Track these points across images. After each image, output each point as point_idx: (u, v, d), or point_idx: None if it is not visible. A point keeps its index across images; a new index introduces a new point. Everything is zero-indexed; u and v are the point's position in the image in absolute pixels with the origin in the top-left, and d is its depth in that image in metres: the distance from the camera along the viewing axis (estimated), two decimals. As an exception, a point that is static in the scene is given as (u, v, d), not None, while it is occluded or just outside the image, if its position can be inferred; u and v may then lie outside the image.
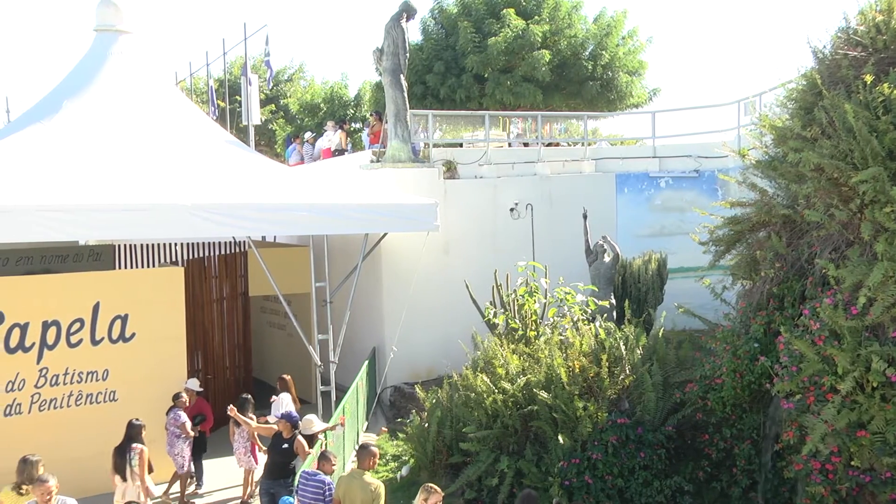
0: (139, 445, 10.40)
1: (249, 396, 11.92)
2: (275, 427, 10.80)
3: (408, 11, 16.70)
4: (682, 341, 12.18)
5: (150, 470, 10.58)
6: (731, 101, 18.10)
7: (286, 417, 10.58)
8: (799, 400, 8.89)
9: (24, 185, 11.29)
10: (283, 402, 12.22)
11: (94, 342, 12.26)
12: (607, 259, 14.87)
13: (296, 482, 9.22)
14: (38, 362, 11.91)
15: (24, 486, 8.70)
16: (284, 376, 12.79)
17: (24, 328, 11.79)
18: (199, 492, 12.46)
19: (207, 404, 12.47)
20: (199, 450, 12.39)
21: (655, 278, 15.69)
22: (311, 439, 10.51)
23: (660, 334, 12.05)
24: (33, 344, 11.86)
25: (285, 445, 10.32)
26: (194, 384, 12.43)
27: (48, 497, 7.96)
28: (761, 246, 10.47)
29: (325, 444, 10.45)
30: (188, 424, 11.73)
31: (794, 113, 10.27)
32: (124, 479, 10.31)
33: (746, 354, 9.89)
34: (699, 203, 16.07)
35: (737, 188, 11.78)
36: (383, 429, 14.63)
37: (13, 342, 11.71)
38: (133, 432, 10.54)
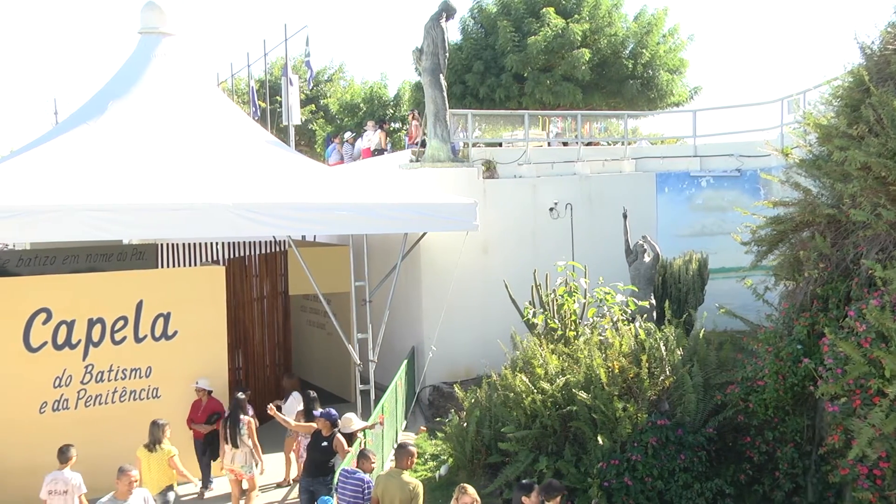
0: (246, 417, 11.41)
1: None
2: (314, 425, 10.89)
3: (447, 11, 16.72)
4: (723, 342, 12.04)
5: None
6: (775, 99, 17.89)
7: (326, 416, 10.64)
8: (844, 403, 8.75)
9: (72, 185, 11.50)
10: (297, 401, 12.36)
11: (138, 340, 12.45)
12: (647, 259, 14.77)
13: (335, 480, 9.28)
14: (83, 359, 12.13)
15: (156, 445, 10.47)
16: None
17: (70, 325, 12.01)
18: (207, 494, 12.32)
19: (220, 404, 12.26)
20: (215, 450, 12.09)
21: (696, 278, 15.54)
22: (351, 438, 10.57)
23: (700, 335, 11.92)
24: (79, 341, 12.08)
25: (325, 444, 10.38)
26: (206, 383, 12.30)
27: (130, 488, 8.65)
28: (805, 246, 10.32)
29: (364, 443, 10.50)
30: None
31: (839, 110, 10.12)
32: (235, 446, 11.29)
33: (789, 356, 9.76)
34: (741, 203, 15.88)
35: (780, 187, 11.63)
36: (422, 428, 14.66)
37: (60, 339, 11.94)
38: (240, 404, 11.50)
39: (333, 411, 10.86)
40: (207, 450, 12.25)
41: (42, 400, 11.86)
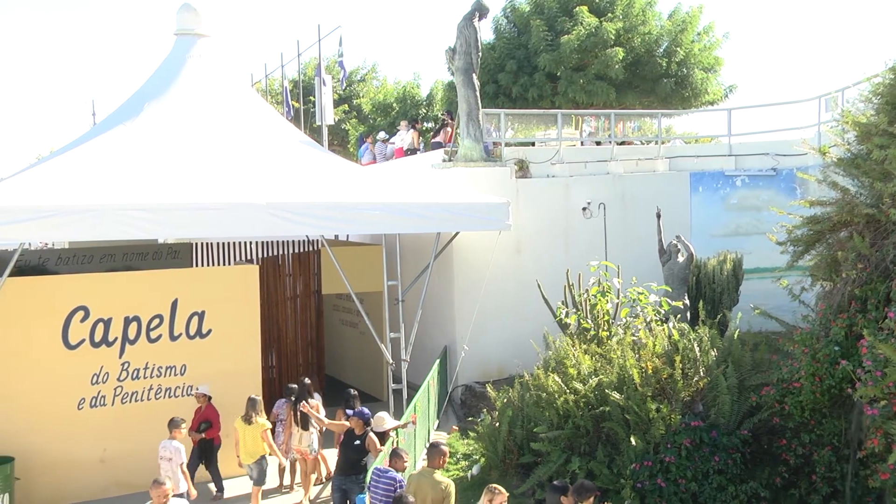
0: (314, 400, 12.01)
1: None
2: (347, 424, 10.94)
3: (480, 10, 16.72)
4: (758, 343, 11.92)
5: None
6: (812, 96, 17.68)
7: (358, 415, 10.69)
8: (884, 406, 8.61)
9: (109, 185, 11.65)
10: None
11: (173, 338, 12.59)
12: (681, 259, 14.66)
13: (367, 479, 9.31)
14: (120, 356, 12.29)
15: (252, 418, 11.29)
16: (306, 379, 12.43)
17: (107, 323, 12.18)
18: (223, 496, 12.20)
19: (216, 412, 12.10)
20: (210, 457, 12.03)
21: (730, 279, 15.39)
22: (383, 437, 10.61)
23: (735, 336, 11.80)
24: (116, 339, 12.24)
25: (357, 442, 10.43)
26: (206, 389, 12.16)
27: (164, 499, 8.56)
28: (843, 246, 10.17)
29: (397, 442, 10.53)
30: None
31: (879, 108, 9.96)
32: (305, 428, 11.88)
33: (826, 358, 9.63)
34: (776, 202, 15.70)
35: (817, 187, 11.49)
36: (454, 427, 14.67)
37: (97, 336, 12.11)
38: (307, 388, 12.08)
39: (366, 410, 10.89)
40: (202, 456, 12.02)
41: (80, 396, 12.04)
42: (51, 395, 11.72)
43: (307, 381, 12.32)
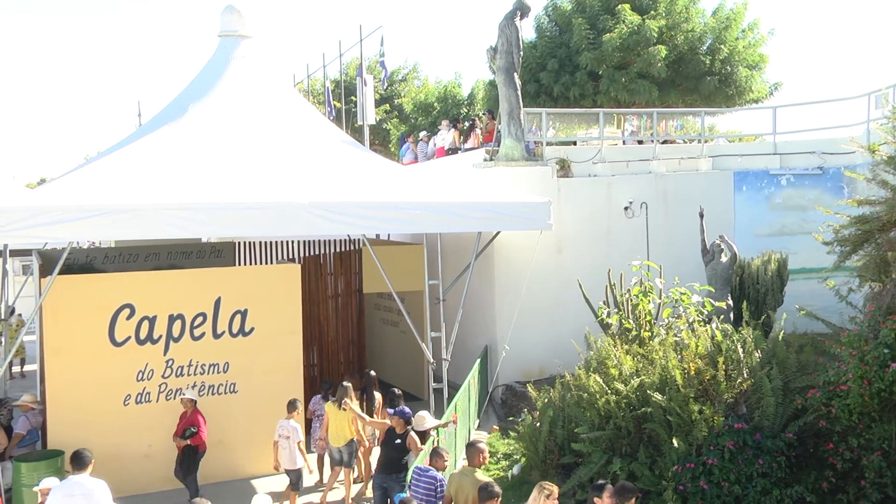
0: (378, 393, 12.60)
1: (348, 384, 12.14)
2: (387, 422, 10.99)
3: (522, 9, 16.67)
4: (804, 345, 11.73)
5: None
6: (861, 93, 17.36)
7: (399, 413, 10.74)
8: (935, 410, 8.44)
9: (154, 185, 11.81)
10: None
11: (216, 336, 12.74)
12: (724, 259, 14.50)
13: (408, 478, 9.34)
14: (164, 354, 12.48)
15: (343, 403, 11.64)
16: (345, 383, 12.36)
17: (152, 321, 12.37)
18: None
19: (202, 417, 11.76)
20: (188, 465, 11.61)
21: (775, 279, 15.19)
22: (424, 436, 10.63)
23: (779, 337, 11.63)
24: (160, 336, 12.43)
25: (398, 441, 10.47)
26: (192, 394, 12.03)
27: None
28: (892, 246, 10.00)
29: (437, 441, 10.55)
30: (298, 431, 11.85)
31: (930, 105, 9.77)
32: (371, 416, 12.15)
33: (875, 360, 9.44)
34: (823, 201, 15.47)
35: (865, 185, 11.29)
36: (495, 427, 14.66)
37: (143, 334, 12.31)
38: (372, 381, 12.71)
39: (407, 409, 10.93)
40: (183, 464, 11.63)
41: (126, 393, 12.24)
42: (98, 390, 11.93)
43: (373, 373, 12.75)
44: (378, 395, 12.58)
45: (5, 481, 10.63)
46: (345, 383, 12.08)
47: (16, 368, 21.32)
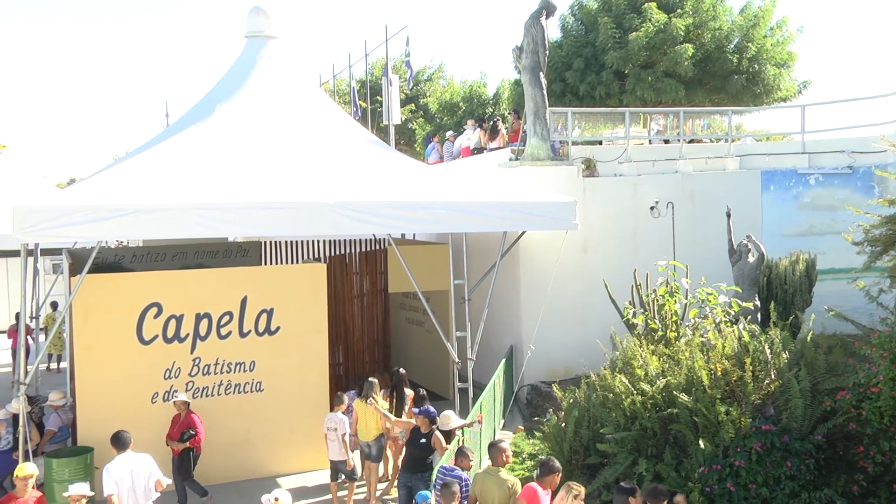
0: (409, 391, 12.72)
1: (374, 380, 12.27)
2: (412, 422, 11.00)
3: (547, 9, 16.63)
4: (833, 346, 11.60)
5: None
6: (892, 91, 17.14)
7: (424, 413, 10.76)
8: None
9: (181, 184, 11.89)
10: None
11: (242, 334, 12.82)
12: (752, 259, 14.38)
13: (433, 477, 9.36)
14: (191, 352, 12.57)
15: (369, 399, 11.81)
16: (371, 379, 12.51)
17: (179, 320, 12.47)
18: None
19: (197, 419, 11.71)
20: (186, 469, 11.59)
21: (803, 280, 15.03)
22: (449, 435, 10.64)
23: (808, 338, 11.52)
24: (187, 335, 12.53)
25: (423, 440, 10.49)
26: (184, 396, 11.87)
27: None
28: (923, 247, 9.87)
29: (462, 441, 10.55)
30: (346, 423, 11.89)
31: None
32: (399, 416, 12.28)
33: (907, 362, 9.34)
34: (853, 201, 15.30)
35: (896, 185, 11.17)
36: (520, 427, 14.63)
37: (170, 333, 12.42)
38: (402, 379, 12.88)
39: (432, 408, 10.95)
40: (181, 467, 11.61)
41: (154, 391, 12.36)
42: (126, 388, 12.04)
43: (402, 370, 12.87)
44: (409, 392, 12.65)
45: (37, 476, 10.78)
46: (371, 379, 12.17)
47: (52, 365, 21.55)
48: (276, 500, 8.55)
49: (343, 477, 11.82)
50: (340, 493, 11.88)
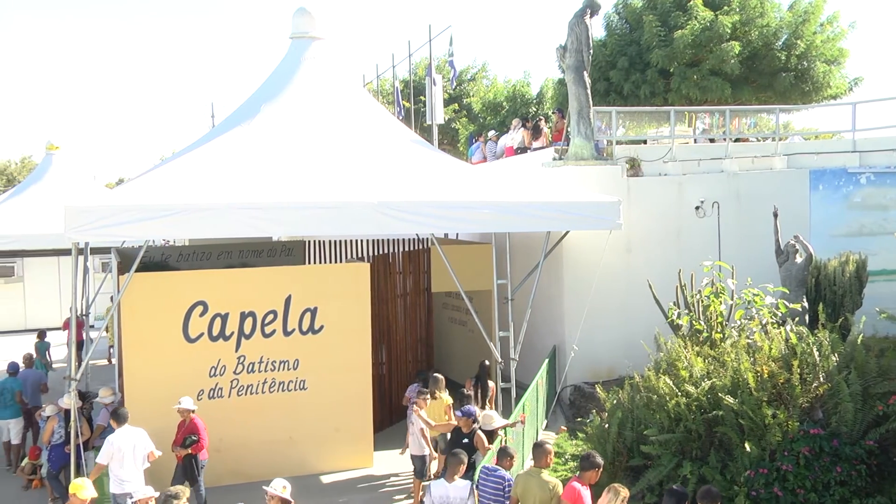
0: (491, 383, 13.11)
1: (440, 375, 12.45)
2: (453, 423, 11.00)
3: (592, 7, 16.52)
4: (885, 349, 11.37)
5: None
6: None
7: (465, 413, 10.75)
8: None
9: (227, 184, 12.01)
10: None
11: (286, 333, 12.93)
12: (799, 260, 14.15)
13: (475, 477, 9.34)
14: (236, 350, 12.70)
15: (436, 394, 12.05)
16: (436, 375, 12.66)
17: (224, 318, 12.61)
18: None
19: (201, 425, 11.42)
20: (191, 475, 11.30)
21: (853, 281, 14.75)
22: (492, 435, 10.62)
23: (858, 340, 11.29)
24: (232, 333, 12.66)
25: (465, 440, 10.48)
26: (189, 402, 11.46)
27: None
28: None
29: (505, 441, 10.52)
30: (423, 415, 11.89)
31: None
32: (483, 407, 12.41)
33: (961, 365, 9.11)
34: (906, 201, 14.99)
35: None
36: (563, 428, 14.57)
37: (215, 331, 12.56)
38: (487, 370, 13.28)
39: (473, 408, 10.93)
40: (186, 474, 11.34)
41: (199, 388, 12.50)
42: (172, 385, 12.15)
43: (487, 362, 13.05)
44: (491, 384, 12.98)
45: (88, 469, 10.98)
46: (436, 374, 12.35)
47: (113, 360, 21.93)
48: (284, 487, 8.69)
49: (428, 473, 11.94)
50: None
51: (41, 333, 19.92)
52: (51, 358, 19.82)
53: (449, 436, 10.91)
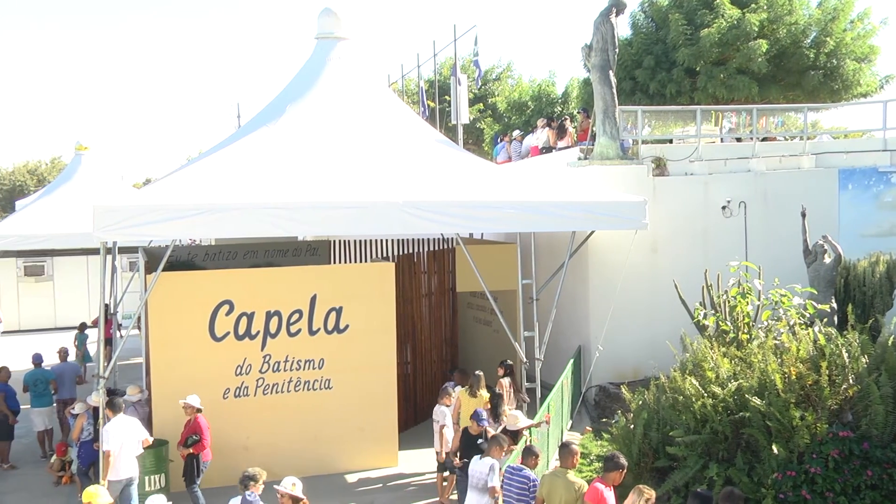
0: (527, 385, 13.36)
1: (480, 373, 12.46)
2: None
3: (617, 6, 16.45)
4: (917, 351, 11.21)
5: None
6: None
7: (474, 417, 10.86)
8: None
9: (253, 184, 12.09)
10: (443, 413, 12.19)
11: (311, 332, 12.98)
12: (828, 260, 14.00)
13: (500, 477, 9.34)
14: (262, 349, 12.77)
15: (476, 391, 12.12)
16: (477, 372, 12.63)
17: (250, 317, 12.68)
18: None
19: (204, 425, 11.42)
20: (190, 475, 11.37)
21: (884, 282, 14.57)
22: (516, 435, 10.61)
23: (889, 342, 11.14)
24: (258, 332, 12.73)
25: (480, 441, 10.56)
26: (195, 400, 11.49)
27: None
28: None
29: (530, 441, 10.51)
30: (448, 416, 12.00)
31: None
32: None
33: None
34: (937, 200, 14.78)
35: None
36: (588, 428, 14.50)
37: (241, 330, 12.64)
38: (510, 369, 13.11)
39: (482, 410, 11.04)
40: (185, 473, 11.41)
41: (225, 386, 12.59)
42: (199, 383, 12.22)
43: (478, 372, 12.69)
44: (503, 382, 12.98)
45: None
46: (477, 372, 12.39)
47: None
48: (294, 485, 8.76)
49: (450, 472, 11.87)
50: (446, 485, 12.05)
51: (82, 325, 20.43)
52: (88, 351, 20.24)
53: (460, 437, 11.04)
